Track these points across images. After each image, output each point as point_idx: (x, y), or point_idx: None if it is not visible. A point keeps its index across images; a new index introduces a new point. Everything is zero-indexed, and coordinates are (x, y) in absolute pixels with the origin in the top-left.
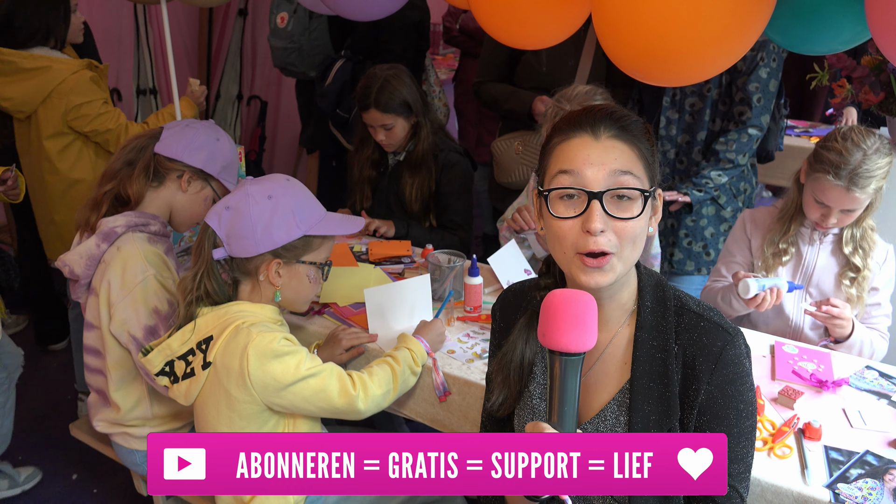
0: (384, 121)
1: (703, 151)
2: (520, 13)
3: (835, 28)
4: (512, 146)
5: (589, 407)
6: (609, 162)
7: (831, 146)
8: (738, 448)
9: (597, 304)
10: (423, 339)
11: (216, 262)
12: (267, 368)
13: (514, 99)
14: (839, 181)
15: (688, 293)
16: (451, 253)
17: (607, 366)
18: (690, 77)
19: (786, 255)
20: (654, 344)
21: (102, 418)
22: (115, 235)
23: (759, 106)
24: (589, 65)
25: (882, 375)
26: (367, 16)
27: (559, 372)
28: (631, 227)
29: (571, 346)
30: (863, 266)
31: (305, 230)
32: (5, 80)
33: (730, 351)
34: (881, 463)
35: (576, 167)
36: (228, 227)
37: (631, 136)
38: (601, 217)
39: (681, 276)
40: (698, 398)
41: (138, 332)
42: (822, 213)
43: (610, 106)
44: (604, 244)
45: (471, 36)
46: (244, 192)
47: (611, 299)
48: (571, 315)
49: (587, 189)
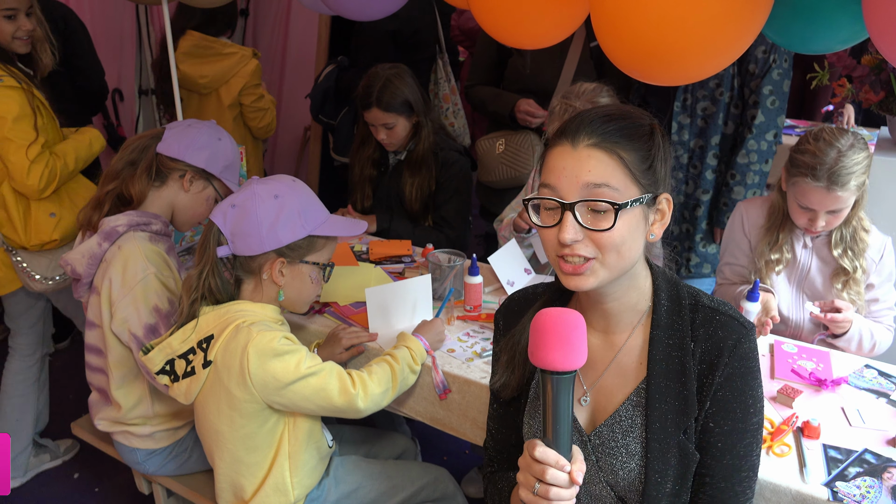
0: (386, 120)
1: (717, 156)
2: (519, 13)
3: (833, 27)
4: (494, 145)
5: (604, 409)
6: (582, 174)
7: (805, 149)
8: (743, 444)
9: (603, 306)
10: (422, 338)
11: (220, 260)
12: (267, 367)
13: (499, 101)
14: (819, 182)
15: (700, 289)
16: (452, 252)
17: (622, 367)
18: (690, 76)
19: (778, 266)
20: (670, 342)
21: (104, 417)
22: (116, 234)
23: (773, 108)
24: (574, 66)
25: (881, 374)
26: (367, 15)
27: (551, 391)
28: (608, 237)
29: (560, 364)
30: (852, 269)
31: (310, 230)
32: (204, 61)
33: (744, 344)
34: (879, 461)
35: (552, 179)
36: (234, 224)
37: (612, 143)
38: (573, 228)
39: (699, 278)
40: (710, 391)
41: (139, 331)
42: (808, 218)
43: (599, 110)
44: (580, 251)
45: (468, 36)
46: (251, 190)
47: (616, 301)
48: (559, 334)
49: (560, 200)
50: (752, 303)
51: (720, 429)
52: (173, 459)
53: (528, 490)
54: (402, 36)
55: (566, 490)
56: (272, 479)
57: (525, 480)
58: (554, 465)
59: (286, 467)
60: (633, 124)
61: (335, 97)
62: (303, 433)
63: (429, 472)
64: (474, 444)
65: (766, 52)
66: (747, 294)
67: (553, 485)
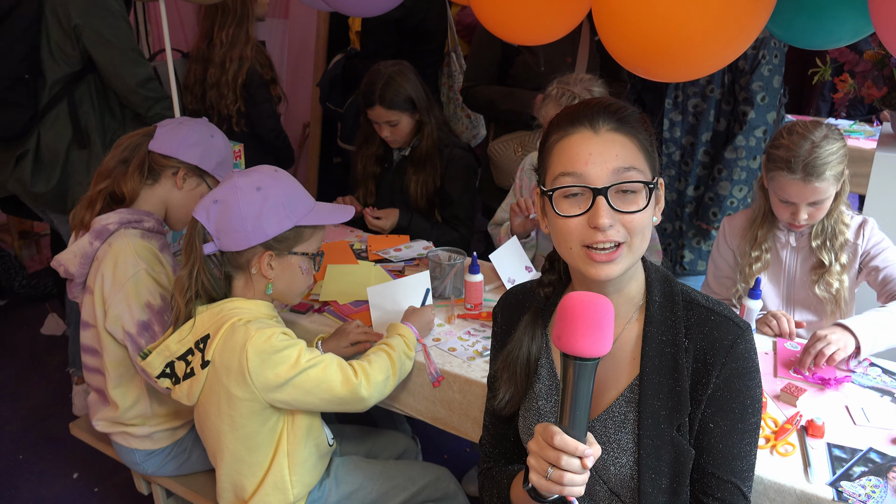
0: (389, 117)
1: (708, 152)
2: (520, 8)
3: (837, 22)
4: (510, 148)
5: (597, 404)
6: (611, 158)
7: (779, 143)
8: (742, 445)
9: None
10: (411, 325)
11: (208, 258)
12: (267, 364)
13: (513, 99)
14: (794, 175)
15: (694, 288)
16: (452, 250)
17: (616, 362)
18: (692, 72)
19: (758, 263)
20: (663, 339)
21: (102, 417)
22: (107, 233)
23: (763, 105)
24: (585, 61)
25: (885, 372)
26: (364, 12)
27: (573, 377)
28: (639, 219)
29: (587, 350)
30: (828, 261)
31: (296, 221)
32: None
33: (741, 345)
34: (884, 460)
35: (578, 167)
36: (218, 221)
37: (630, 127)
38: (608, 212)
39: (694, 276)
40: (707, 392)
41: (132, 328)
42: (790, 212)
43: (606, 99)
44: (613, 236)
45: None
46: (232, 184)
47: (618, 293)
48: (589, 319)
49: (591, 186)
50: (753, 300)
51: (719, 429)
52: (172, 460)
53: (541, 475)
54: (406, 25)
55: (579, 475)
56: (271, 478)
57: (538, 465)
58: (572, 452)
59: (285, 465)
60: (633, 111)
61: (342, 85)
62: (301, 430)
63: (430, 472)
64: (474, 443)
65: (755, 48)
66: (749, 292)
67: (567, 470)
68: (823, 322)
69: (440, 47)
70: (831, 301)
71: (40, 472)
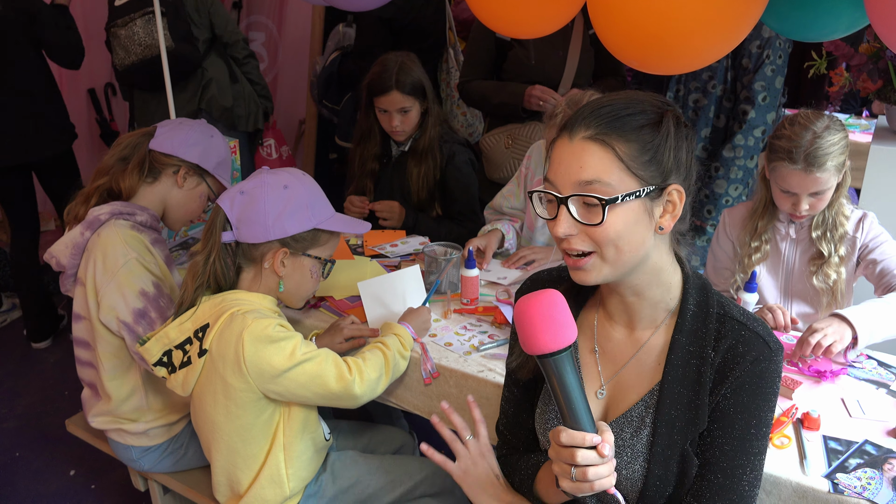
0: (404, 103)
1: (706, 148)
2: (515, 1)
3: (832, 14)
4: (501, 141)
5: (617, 405)
6: (575, 169)
7: (781, 133)
8: (734, 477)
9: (624, 299)
10: (408, 326)
11: (224, 246)
12: (262, 354)
13: (505, 92)
14: (796, 165)
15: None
16: (448, 245)
17: (641, 365)
18: (687, 64)
19: (757, 254)
20: (690, 349)
21: (97, 413)
22: (98, 223)
23: (764, 105)
24: (577, 55)
25: (881, 364)
26: (359, 6)
27: (554, 373)
28: (601, 232)
29: (552, 344)
30: (827, 252)
31: (317, 223)
32: None
33: (763, 363)
34: (880, 452)
35: (550, 172)
36: (241, 211)
37: (615, 136)
38: (566, 222)
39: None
40: (714, 401)
41: (127, 317)
42: (791, 202)
43: (606, 99)
44: (576, 245)
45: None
46: (260, 179)
47: (637, 296)
48: (542, 315)
49: (556, 194)
50: (749, 294)
51: (716, 444)
52: (169, 456)
53: (567, 478)
54: (398, 23)
55: (603, 466)
56: (267, 471)
57: (561, 470)
58: (581, 444)
59: (281, 458)
60: (635, 113)
61: (338, 83)
62: (298, 423)
63: (427, 467)
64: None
65: (760, 47)
66: (745, 285)
67: (588, 465)
68: (819, 315)
69: (437, 44)
70: (828, 293)
71: (37, 470)
